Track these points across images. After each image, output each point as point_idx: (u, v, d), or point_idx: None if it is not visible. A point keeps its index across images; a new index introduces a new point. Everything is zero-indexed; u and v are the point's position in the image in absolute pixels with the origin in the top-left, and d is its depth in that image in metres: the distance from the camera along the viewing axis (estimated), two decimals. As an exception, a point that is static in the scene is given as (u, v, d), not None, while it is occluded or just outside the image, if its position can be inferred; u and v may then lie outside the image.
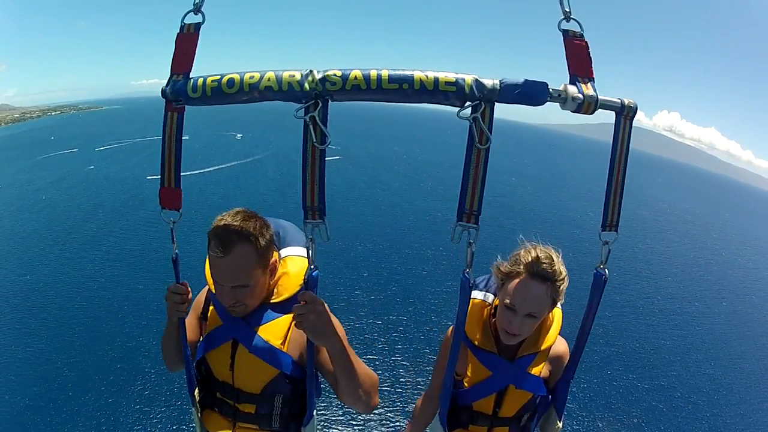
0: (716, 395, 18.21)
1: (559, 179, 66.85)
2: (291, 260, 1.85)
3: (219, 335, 1.81)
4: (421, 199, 41.21)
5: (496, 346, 1.98)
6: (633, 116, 1.57)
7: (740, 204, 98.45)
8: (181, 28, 1.54)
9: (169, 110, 1.55)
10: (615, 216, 1.62)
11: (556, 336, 1.99)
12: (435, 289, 23.14)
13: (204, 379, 1.92)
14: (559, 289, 1.81)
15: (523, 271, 1.81)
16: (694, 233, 45.60)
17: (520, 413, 2.03)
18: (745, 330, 24.44)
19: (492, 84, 1.40)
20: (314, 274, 1.54)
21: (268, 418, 1.83)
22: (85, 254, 26.06)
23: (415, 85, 1.37)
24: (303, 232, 1.57)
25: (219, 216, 1.71)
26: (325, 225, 1.48)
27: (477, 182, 1.47)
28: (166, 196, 1.64)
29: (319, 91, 1.37)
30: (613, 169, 1.61)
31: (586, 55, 1.47)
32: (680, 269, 32.68)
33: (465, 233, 1.48)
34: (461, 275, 1.58)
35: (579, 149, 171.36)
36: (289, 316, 1.73)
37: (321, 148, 1.42)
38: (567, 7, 1.44)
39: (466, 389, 2.00)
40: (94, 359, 16.65)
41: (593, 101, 1.44)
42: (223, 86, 1.42)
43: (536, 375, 1.97)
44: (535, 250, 1.84)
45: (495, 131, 1.43)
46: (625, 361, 19.32)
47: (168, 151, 1.58)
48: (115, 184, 41.84)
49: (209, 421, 1.94)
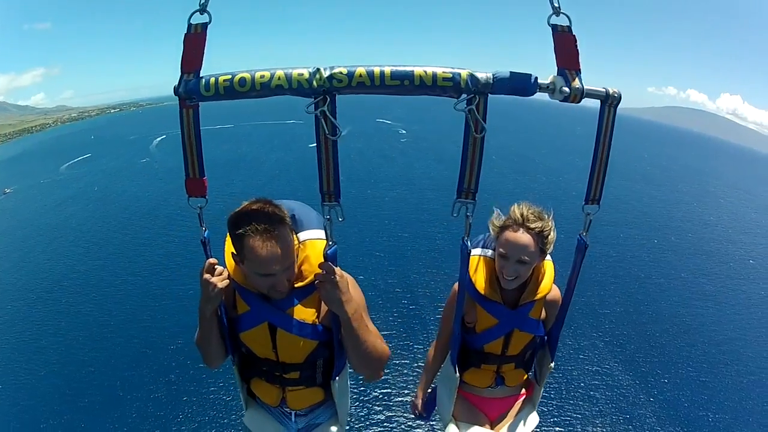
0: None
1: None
2: (311, 244, 1.91)
3: (250, 319, 1.91)
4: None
5: (501, 296, 2.26)
6: (617, 104, 1.68)
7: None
8: (188, 28, 1.57)
9: (184, 107, 1.62)
10: (598, 192, 1.83)
11: (550, 285, 2.27)
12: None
13: (244, 356, 2.07)
14: (546, 239, 2.12)
15: (513, 223, 2.12)
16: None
17: (523, 351, 2.38)
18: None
19: (485, 78, 1.51)
20: (332, 249, 1.72)
21: (312, 378, 2.06)
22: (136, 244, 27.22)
23: (415, 80, 1.48)
24: (313, 210, 1.77)
25: (239, 209, 1.74)
26: (340, 207, 1.64)
27: (474, 165, 1.64)
28: (191, 185, 1.74)
29: (327, 87, 1.48)
30: (598, 151, 1.77)
31: (574, 48, 1.56)
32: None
33: (463, 208, 1.68)
34: (461, 242, 1.85)
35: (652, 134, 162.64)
36: (316, 293, 1.85)
37: (333, 139, 1.55)
38: (556, 2, 1.52)
39: (477, 334, 2.31)
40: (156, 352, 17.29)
41: (579, 92, 1.55)
42: (235, 85, 1.50)
43: (536, 318, 2.29)
44: (524, 206, 2.14)
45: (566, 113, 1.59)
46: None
47: (189, 144, 1.67)
48: (165, 174, 43.09)
49: (259, 390, 2.15)
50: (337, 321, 1.85)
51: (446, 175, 38.86)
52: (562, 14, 1.52)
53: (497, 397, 2.54)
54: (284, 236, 1.69)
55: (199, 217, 1.80)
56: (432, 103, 18.23)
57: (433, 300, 20.22)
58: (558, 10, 1.52)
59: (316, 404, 2.20)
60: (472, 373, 2.44)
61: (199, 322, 1.90)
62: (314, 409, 2.24)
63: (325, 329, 1.93)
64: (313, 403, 2.19)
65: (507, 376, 2.45)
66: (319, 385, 2.10)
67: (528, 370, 2.54)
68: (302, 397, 2.13)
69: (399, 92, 1.52)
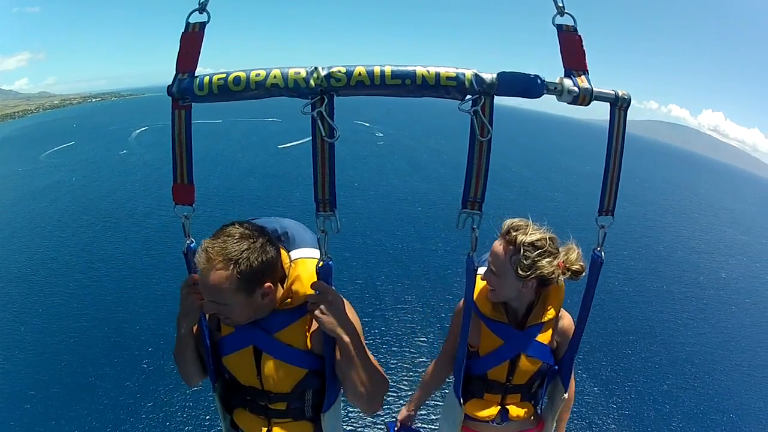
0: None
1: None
2: (302, 263, 1.75)
3: (234, 342, 1.78)
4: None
5: (506, 317, 2.13)
6: (627, 107, 1.63)
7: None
8: (186, 27, 1.54)
9: (176, 108, 1.57)
10: (611, 202, 1.74)
11: (559, 308, 2.13)
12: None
13: (227, 383, 1.93)
14: (523, 259, 1.92)
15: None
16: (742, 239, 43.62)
17: (530, 381, 2.19)
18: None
19: (490, 78, 1.45)
20: (327, 265, 1.58)
21: (300, 410, 1.87)
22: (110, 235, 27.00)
23: (417, 80, 1.42)
24: (308, 230, 1.66)
25: (224, 226, 1.62)
26: (336, 217, 1.53)
27: (480, 173, 1.54)
28: (178, 191, 1.66)
29: (325, 87, 1.41)
30: (610, 158, 1.70)
31: (580, 48, 1.52)
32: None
33: (469, 219, 1.57)
34: (466, 258, 1.70)
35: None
36: (307, 316, 1.72)
37: (330, 141, 1.47)
38: (560, 2, 1.48)
39: (480, 358, 2.15)
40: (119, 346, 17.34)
41: (588, 93, 1.50)
42: (229, 84, 1.45)
43: (545, 344, 2.11)
44: (519, 220, 2.02)
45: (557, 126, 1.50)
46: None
47: (178, 148, 1.61)
48: (140, 168, 42.54)
49: (243, 422, 1.96)
50: (330, 347, 1.70)
51: (419, 180, 39.25)
52: (567, 14, 1.49)
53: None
54: (218, 277, 1.52)
55: (183, 227, 1.70)
56: (411, 105, 18.11)
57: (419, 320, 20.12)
58: (562, 10, 1.49)
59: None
60: (473, 404, 2.26)
61: (176, 338, 1.79)
62: None
63: (315, 357, 1.76)
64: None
65: (511, 409, 2.25)
66: (308, 419, 1.91)
67: (535, 404, 2.35)
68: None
69: (400, 93, 1.45)
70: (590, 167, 55.84)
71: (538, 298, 2.11)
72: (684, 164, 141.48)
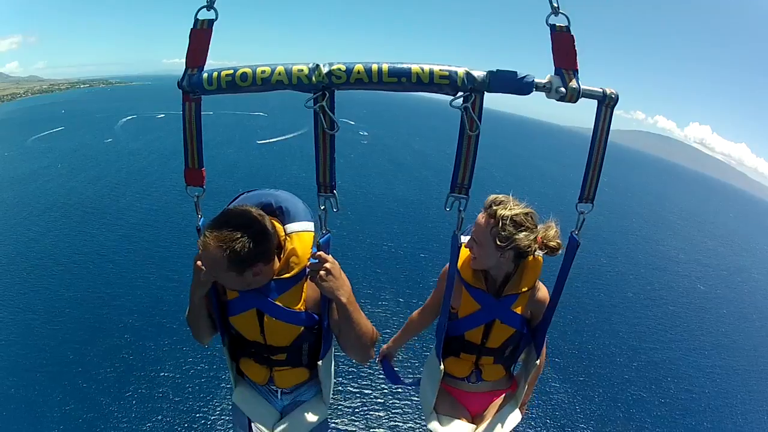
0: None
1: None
2: (297, 237, 1.98)
3: (239, 305, 2.02)
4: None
5: (485, 285, 2.28)
6: (614, 105, 1.70)
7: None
8: (195, 23, 1.62)
9: (186, 101, 1.69)
10: (591, 191, 1.86)
11: (535, 280, 2.27)
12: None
13: (233, 337, 2.19)
14: (502, 231, 2.05)
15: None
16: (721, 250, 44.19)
17: (503, 346, 2.37)
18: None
19: (482, 76, 1.53)
20: (326, 238, 1.79)
21: (297, 359, 2.18)
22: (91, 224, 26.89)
23: (413, 78, 1.51)
24: (301, 202, 1.92)
25: (226, 211, 1.85)
26: (335, 197, 1.72)
27: (468, 162, 1.67)
28: (190, 175, 1.84)
29: (326, 83, 1.51)
30: (593, 151, 1.80)
31: (572, 48, 1.56)
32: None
33: (456, 202, 1.72)
34: (452, 234, 1.90)
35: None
36: (302, 282, 1.97)
37: (331, 133, 1.61)
38: (555, 2, 1.52)
39: (459, 320, 2.32)
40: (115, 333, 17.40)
41: (575, 92, 1.56)
42: (237, 80, 1.55)
43: (518, 313, 2.28)
44: (501, 196, 2.15)
45: (541, 132, 1.53)
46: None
47: (189, 136, 1.76)
48: (125, 156, 42.41)
49: (248, 370, 2.27)
50: (327, 307, 1.97)
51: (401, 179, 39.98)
52: (561, 14, 1.53)
53: (479, 392, 2.54)
54: (214, 257, 1.74)
55: (195, 206, 1.89)
56: (397, 104, 18.20)
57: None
58: (557, 10, 1.53)
59: (301, 383, 2.32)
60: (450, 362, 2.46)
61: (189, 303, 2.05)
62: (299, 387, 2.36)
63: (310, 316, 2.03)
64: (298, 382, 2.31)
65: (485, 369, 2.45)
66: (304, 366, 2.22)
67: (508, 367, 2.55)
68: (288, 377, 2.25)
69: (396, 89, 1.54)
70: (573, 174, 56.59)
71: (516, 269, 2.25)
72: (668, 176, 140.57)
